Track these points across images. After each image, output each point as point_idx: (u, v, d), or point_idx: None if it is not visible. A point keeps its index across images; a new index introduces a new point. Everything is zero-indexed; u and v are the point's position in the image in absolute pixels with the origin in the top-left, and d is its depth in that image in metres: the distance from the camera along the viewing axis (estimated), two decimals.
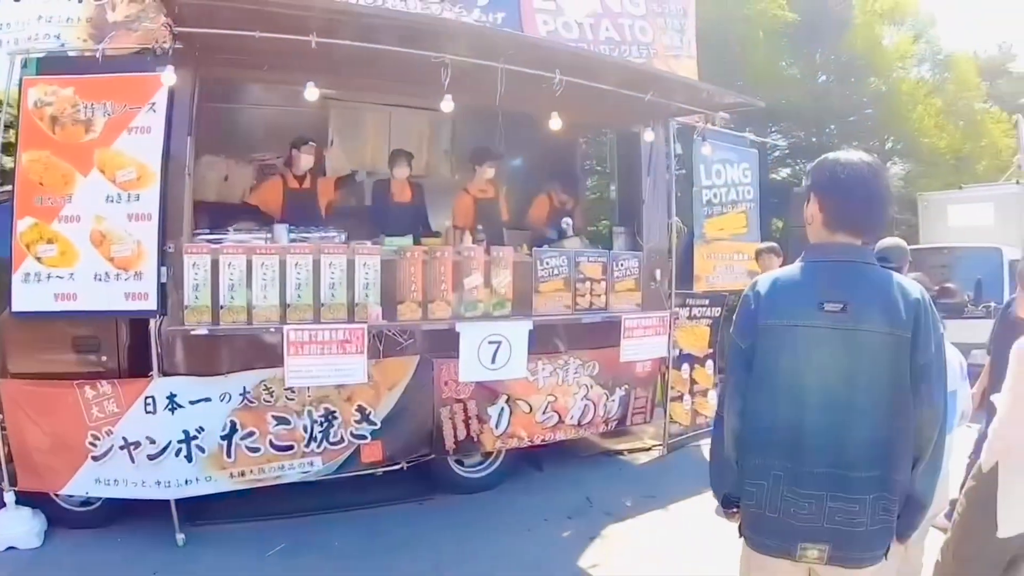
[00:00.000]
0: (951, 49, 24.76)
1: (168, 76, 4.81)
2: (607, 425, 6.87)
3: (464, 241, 6.28)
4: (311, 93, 5.23)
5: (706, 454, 3.53)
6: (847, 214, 2.41)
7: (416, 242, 5.99)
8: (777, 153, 20.87)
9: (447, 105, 5.42)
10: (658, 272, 7.09)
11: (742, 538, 2.51)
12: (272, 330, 5.11)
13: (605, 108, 6.85)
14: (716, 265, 7.84)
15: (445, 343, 5.68)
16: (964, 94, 22.57)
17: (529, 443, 6.34)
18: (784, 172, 20.61)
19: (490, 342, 5.67)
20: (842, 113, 20.16)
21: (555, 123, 6.14)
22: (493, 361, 5.71)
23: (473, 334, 5.64)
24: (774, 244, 7.54)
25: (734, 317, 2.61)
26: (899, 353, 2.29)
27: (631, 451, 7.55)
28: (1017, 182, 13.16)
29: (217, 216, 6.05)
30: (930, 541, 3.57)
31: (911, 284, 2.37)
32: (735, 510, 2.52)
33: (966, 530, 3.37)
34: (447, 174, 8.55)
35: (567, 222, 7.36)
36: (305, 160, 6.48)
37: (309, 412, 5.37)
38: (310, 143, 6.50)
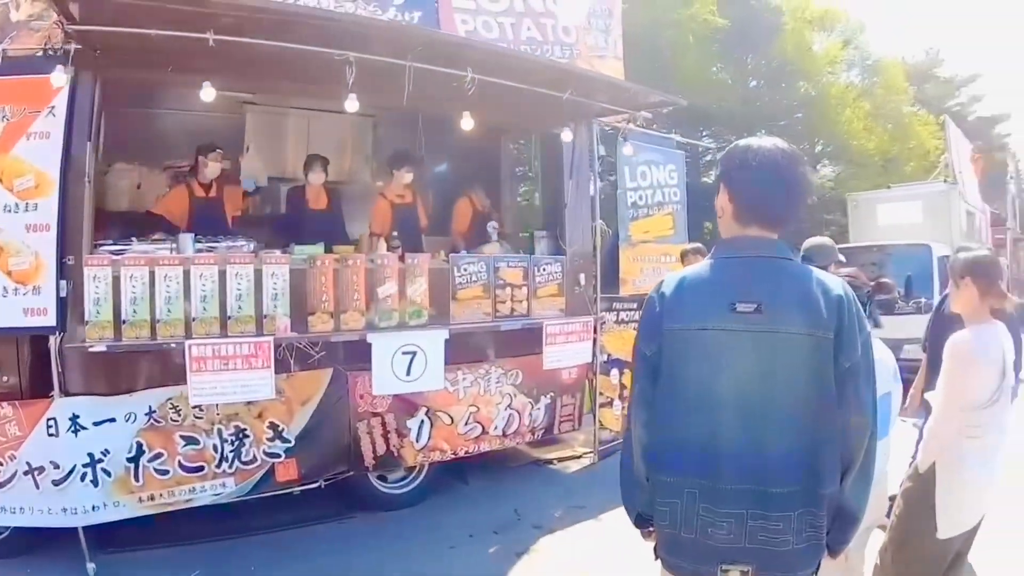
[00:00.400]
0: (879, 54, 25.84)
1: (57, 77, 4.55)
2: (534, 434, 6.75)
3: (378, 248, 6.10)
4: (207, 93, 5.03)
5: None
6: (760, 205, 2.23)
7: (328, 250, 5.79)
8: (708, 157, 21.22)
9: (351, 104, 5.23)
10: (582, 276, 7.01)
11: (658, 560, 2.33)
12: (174, 345, 4.86)
13: (526, 109, 6.75)
14: (643, 268, 7.78)
15: (360, 355, 5.48)
16: (892, 98, 23.35)
17: (452, 456, 6.18)
18: (715, 175, 20.90)
19: (404, 353, 5.47)
20: (772, 117, 20.65)
21: (467, 123, 6.03)
22: (408, 373, 5.51)
23: (385, 345, 5.44)
24: (699, 245, 7.47)
25: (639, 321, 2.45)
26: (821, 356, 2.10)
27: (561, 460, 7.46)
28: (945, 180, 13.50)
29: (129, 226, 5.82)
30: (870, 548, 3.46)
31: (832, 280, 2.18)
32: (651, 529, 2.34)
33: (905, 533, 3.27)
34: (368, 180, 8.37)
35: (493, 226, 7.24)
36: (211, 168, 6.24)
37: (219, 431, 5.14)
38: (217, 150, 6.27)
